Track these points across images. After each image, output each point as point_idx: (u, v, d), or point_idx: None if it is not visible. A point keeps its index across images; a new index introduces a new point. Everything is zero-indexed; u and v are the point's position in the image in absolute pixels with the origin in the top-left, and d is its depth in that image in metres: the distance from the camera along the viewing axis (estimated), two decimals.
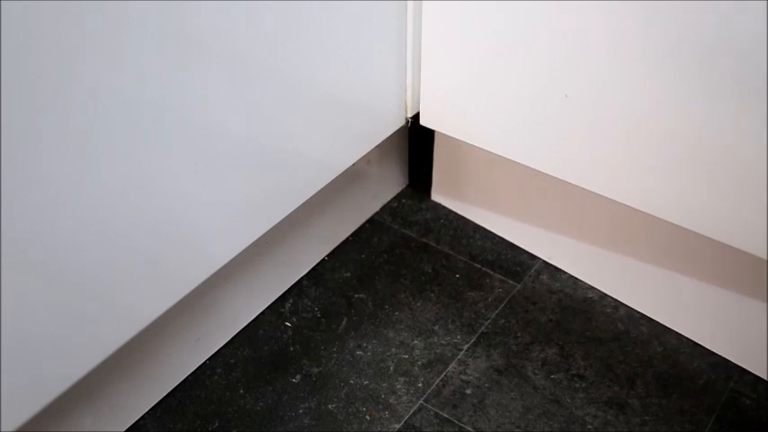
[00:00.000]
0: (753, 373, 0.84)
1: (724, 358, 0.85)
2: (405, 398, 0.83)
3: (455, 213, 1.01)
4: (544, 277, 0.94)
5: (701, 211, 0.73)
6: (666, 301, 0.88)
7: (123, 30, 0.58)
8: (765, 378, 0.84)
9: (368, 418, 0.81)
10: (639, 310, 0.90)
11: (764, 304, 0.82)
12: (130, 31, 0.58)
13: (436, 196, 1.03)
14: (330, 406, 0.82)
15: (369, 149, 0.87)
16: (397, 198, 1.04)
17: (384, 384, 0.84)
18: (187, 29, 0.62)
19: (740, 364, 0.85)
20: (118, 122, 0.60)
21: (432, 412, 0.82)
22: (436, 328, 0.89)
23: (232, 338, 0.88)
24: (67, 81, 0.56)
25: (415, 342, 0.88)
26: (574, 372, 0.85)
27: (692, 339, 0.87)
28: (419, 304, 0.91)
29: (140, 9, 0.58)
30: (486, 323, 0.89)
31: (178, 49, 0.62)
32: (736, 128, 0.68)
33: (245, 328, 0.89)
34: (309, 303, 0.92)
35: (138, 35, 0.59)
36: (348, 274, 0.95)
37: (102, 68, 0.58)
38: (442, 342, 0.88)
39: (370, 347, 0.87)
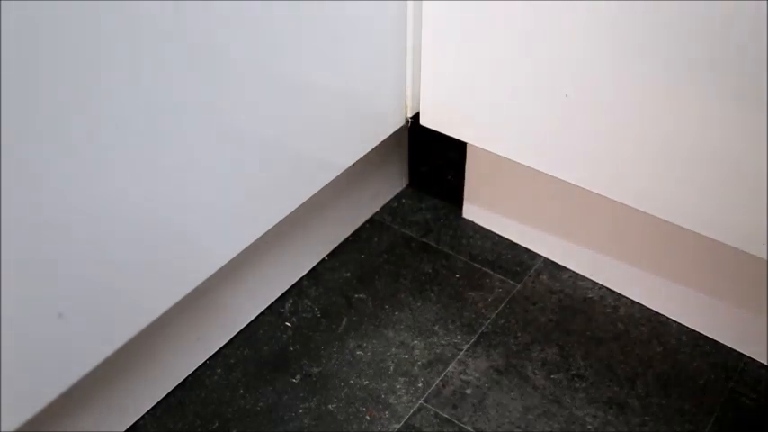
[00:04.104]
0: (753, 374, 0.84)
1: (724, 359, 0.85)
2: (405, 398, 0.83)
3: (455, 213, 1.01)
4: (544, 277, 0.94)
5: (701, 211, 0.73)
6: (665, 294, 0.88)
7: (123, 29, 0.58)
8: (765, 363, 0.84)
9: (368, 418, 0.81)
10: (639, 301, 0.90)
11: (764, 302, 0.82)
12: (131, 31, 0.58)
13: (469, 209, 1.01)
14: (330, 406, 0.82)
15: (369, 149, 0.87)
16: (397, 198, 1.04)
17: (384, 384, 0.84)
18: (186, 29, 0.62)
19: (741, 350, 0.86)
20: (119, 123, 0.60)
21: (432, 412, 0.82)
22: (436, 328, 0.89)
23: (232, 338, 0.88)
24: (69, 81, 0.56)
25: (415, 342, 0.88)
26: (574, 372, 0.85)
27: (690, 327, 0.88)
28: (419, 304, 0.91)
29: (142, 10, 0.58)
30: (486, 323, 0.89)
31: (177, 49, 0.62)
32: (735, 128, 0.67)
33: (245, 328, 0.89)
34: (309, 303, 0.91)
35: (139, 35, 0.59)
36: (348, 274, 0.95)
37: (103, 70, 0.58)
38: (442, 342, 0.88)
39: (370, 347, 0.87)
